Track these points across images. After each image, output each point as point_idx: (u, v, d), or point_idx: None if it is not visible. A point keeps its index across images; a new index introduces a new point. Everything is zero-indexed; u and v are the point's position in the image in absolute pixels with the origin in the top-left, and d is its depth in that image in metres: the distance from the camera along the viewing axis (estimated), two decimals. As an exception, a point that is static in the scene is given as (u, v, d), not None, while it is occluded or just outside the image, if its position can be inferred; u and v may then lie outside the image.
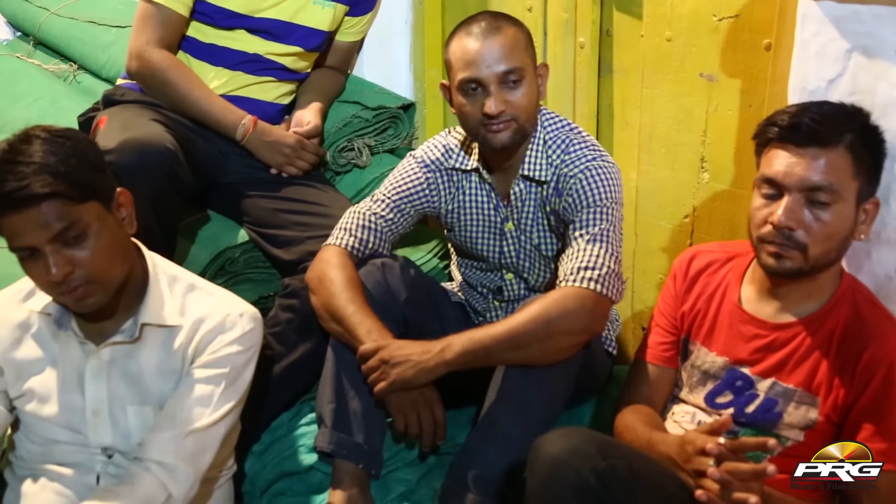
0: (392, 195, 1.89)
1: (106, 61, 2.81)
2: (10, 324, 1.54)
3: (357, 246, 1.83)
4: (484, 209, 1.89)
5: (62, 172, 1.36)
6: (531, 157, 1.80)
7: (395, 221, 1.88)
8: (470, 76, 1.69)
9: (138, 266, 1.54)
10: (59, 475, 1.53)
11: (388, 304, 1.77)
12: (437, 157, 1.90)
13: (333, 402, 1.73)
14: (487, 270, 1.95)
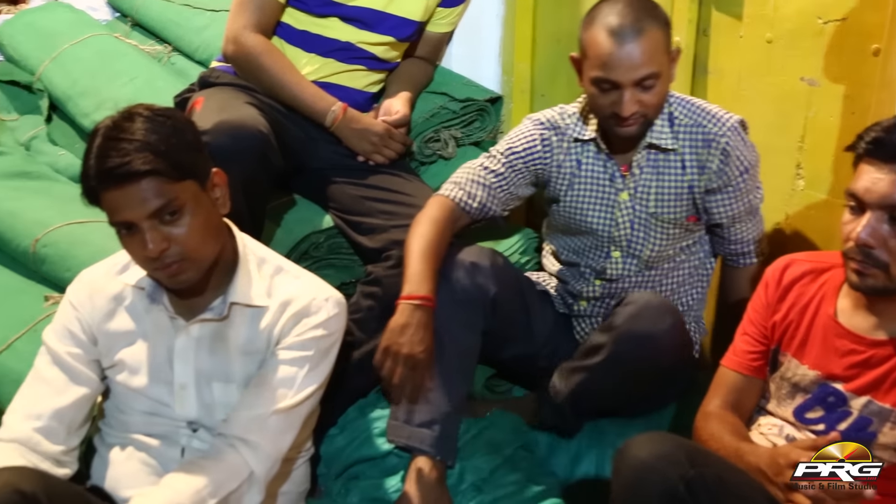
0: (506, 151, 1.89)
1: (199, 44, 2.86)
2: (106, 296, 1.58)
3: (466, 200, 1.86)
4: (599, 179, 1.87)
5: (162, 151, 1.39)
6: (658, 127, 1.79)
7: (507, 179, 1.88)
8: (605, 77, 1.67)
9: (229, 246, 1.57)
10: (145, 445, 1.57)
11: (476, 301, 1.81)
12: (556, 120, 1.89)
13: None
14: (592, 248, 1.93)
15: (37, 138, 2.74)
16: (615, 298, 1.91)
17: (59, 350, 1.55)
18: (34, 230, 2.16)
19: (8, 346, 1.94)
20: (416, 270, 1.74)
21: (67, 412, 1.53)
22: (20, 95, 2.88)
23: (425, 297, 1.72)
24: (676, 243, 1.89)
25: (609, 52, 1.65)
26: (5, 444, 1.47)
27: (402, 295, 1.72)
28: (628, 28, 1.64)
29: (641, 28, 1.64)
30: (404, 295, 1.72)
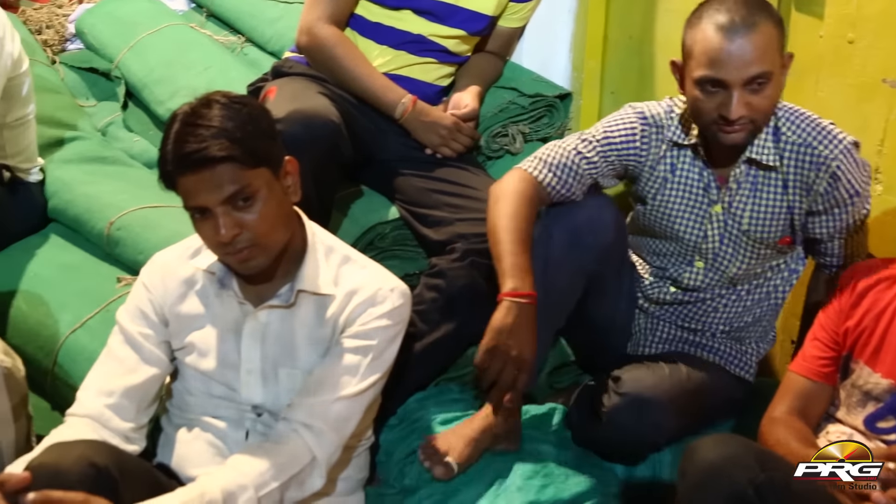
0: (602, 139, 1.81)
1: (272, 35, 2.90)
2: (177, 279, 1.61)
3: (554, 184, 1.78)
4: (693, 187, 1.81)
5: (238, 138, 1.41)
6: (760, 142, 1.71)
7: (597, 167, 1.81)
8: (712, 76, 1.59)
9: (298, 234, 1.59)
10: (211, 427, 1.60)
11: (594, 244, 1.76)
12: (660, 118, 1.81)
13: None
14: (675, 254, 1.87)
15: (113, 124, 2.80)
16: (686, 307, 1.88)
17: (131, 330, 1.59)
18: (109, 213, 2.22)
19: (82, 324, 2.00)
20: (514, 262, 1.66)
21: (138, 391, 1.56)
22: (98, 82, 2.95)
23: (529, 294, 1.64)
24: (765, 262, 1.83)
25: (718, 48, 1.56)
26: (79, 419, 1.51)
27: (505, 291, 1.64)
28: (740, 23, 1.56)
29: (754, 23, 1.56)
30: (507, 291, 1.64)
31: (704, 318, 1.89)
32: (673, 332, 1.93)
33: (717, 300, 1.87)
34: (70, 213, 2.31)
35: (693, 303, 1.88)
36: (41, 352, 1.99)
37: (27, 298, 2.11)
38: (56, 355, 1.98)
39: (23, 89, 2.22)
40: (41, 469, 1.24)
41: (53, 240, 2.32)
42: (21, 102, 2.22)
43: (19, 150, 2.26)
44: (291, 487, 1.44)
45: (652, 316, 1.94)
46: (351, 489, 1.67)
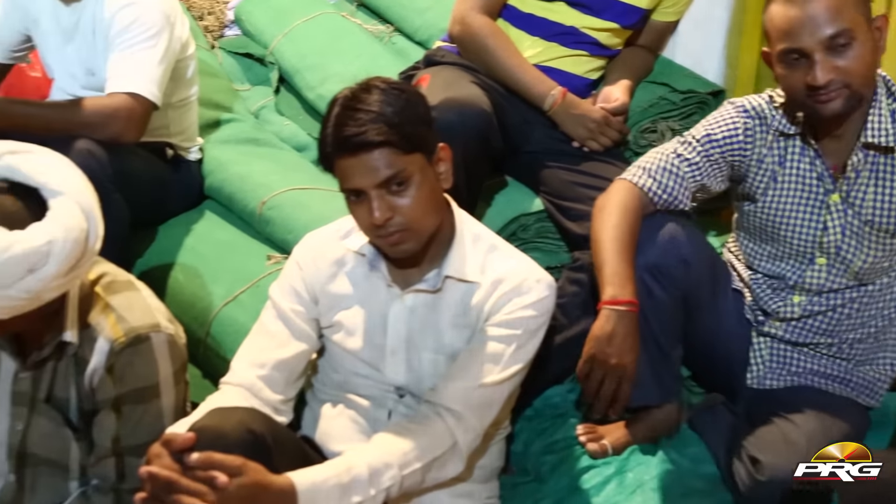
0: (703, 138, 1.76)
1: (420, 25, 2.94)
2: (329, 259, 1.66)
3: (655, 190, 1.75)
4: (805, 179, 1.72)
5: (396, 123, 1.44)
6: (874, 121, 1.63)
7: (700, 169, 1.76)
8: (790, 46, 1.56)
9: (448, 220, 1.60)
10: (355, 404, 1.64)
11: (670, 264, 1.72)
12: (762, 109, 1.75)
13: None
14: (792, 255, 1.77)
15: (265, 108, 2.90)
16: (815, 319, 1.77)
17: (283, 306, 1.64)
18: (261, 193, 2.30)
19: (234, 298, 2.09)
20: (616, 271, 1.64)
21: (287, 364, 1.61)
22: (253, 67, 3.06)
23: (630, 302, 1.62)
24: (893, 255, 1.72)
25: (789, 17, 1.55)
26: (232, 388, 1.58)
27: (606, 299, 1.62)
28: None
29: None
30: (608, 300, 1.62)
31: (836, 327, 1.78)
32: (801, 363, 1.81)
33: (846, 305, 1.76)
34: (224, 192, 2.40)
35: (823, 312, 1.77)
36: (195, 322, 2.08)
37: (184, 271, 2.22)
38: (209, 326, 2.07)
39: (188, 71, 2.32)
40: (204, 431, 1.30)
41: (208, 216, 2.42)
42: (186, 84, 2.33)
43: (182, 129, 2.37)
44: (432, 469, 1.46)
45: (778, 341, 1.82)
46: (487, 477, 1.68)
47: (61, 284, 1.37)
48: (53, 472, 1.59)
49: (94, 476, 1.57)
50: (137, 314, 1.53)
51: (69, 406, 1.55)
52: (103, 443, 1.53)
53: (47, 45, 2.25)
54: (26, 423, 1.56)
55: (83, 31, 2.16)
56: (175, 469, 1.25)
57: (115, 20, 2.07)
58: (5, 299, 1.31)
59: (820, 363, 1.81)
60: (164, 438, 1.30)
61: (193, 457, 1.25)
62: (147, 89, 2.06)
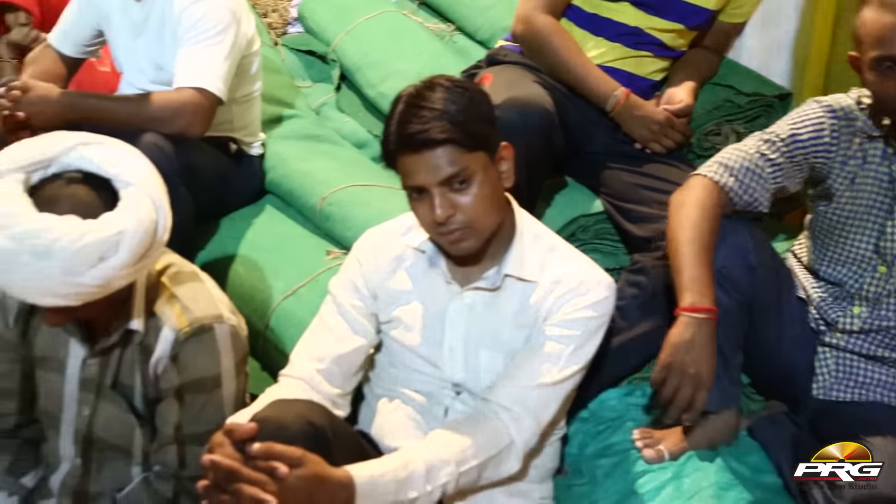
0: (788, 138, 1.71)
1: (482, 24, 2.94)
2: (389, 255, 1.67)
3: (737, 190, 1.70)
4: (880, 182, 1.69)
5: (459, 121, 1.44)
6: None
7: (783, 170, 1.71)
8: (884, 53, 1.53)
9: (508, 219, 1.60)
10: (412, 400, 1.64)
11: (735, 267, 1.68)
12: (850, 109, 1.70)
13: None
14: (851, 262, 1.73)
15: (326, 105, 2.93)
16: (880, 334, 1.73)
17: (343, 300, 1.66)
18: (321, 189, 2.32)
19: (293, 292, 2.11)
20: (695, 275, 1.60)
21: (346, 358, 1.63)
22: (315, 64, 3.09)
23: (709, 310, 1.58)
24: None
25: (884, 24, 1.52)
26: (292, 380, 1.59)
27: (685, 306, 1.58)
28: None
29: None
30: (687, 306, 1.58)
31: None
32: (870, 375, 1.76)
33: None
34: (285, 187, 2.43)
35: (885, 329, 1.72)
36: (255, 314, 2.11)
37: (245, 264, 2.25)
38: (268, 319, 2.10)
39: (252, 67, 2.36)
40: (266, 422, 1.32)
41: (269, 211, 2.45)
42: (250, 80, 2.36)
43: (245, 124, 2.41)
44: (489, 468, 1.46)
45: (841, 351, 1.77)
46: (542, 477, 1.68)
47: (130, 273, 1.40)
48: (117, 457, 1.62)
49: (155, 462, 1.61)
50: (202, 305, 1.55)
51: (134, 393, 1.58)
52: (166, 430, 1.57)
53: (117, 40, 2.30)
54: (93, 409, 1.59)
55: (152, 26, 2.20)
56: (237, 458, 1.27)
57: (184, 16, 2.11)
58: (77, 286, 1.34)
59: (890, 375, 1.76)
60: (226, 428, 1.32)
61: (255, 447, 1.26)
62: (213, 84, 2.10)
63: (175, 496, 1.59)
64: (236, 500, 1.25)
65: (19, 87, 2.03)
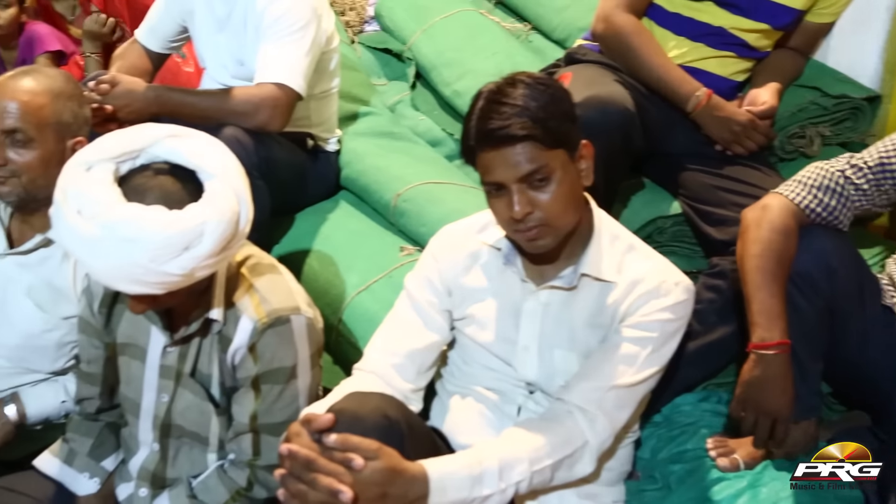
0: (876, 167, 1.67)
1: (558, 24, 2.93)
2: (464, 251, 1.67)
3: (815, 208, 1.66)
4: None
5: (540, 118, 1.43)
6: None
7: (868, 195, 1.67)
8: None
9: (586, 218, 1.59)
10: (484, 398, 1.64)
11: (817, 268, 1.63)
12: None
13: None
14: None
15: (401, 103, 2.95)
16: None
17: (417, 296, 1.66)
18: (396, 185, 2.33)
19: (367, 287, 2.12)
20: (763, 308, 1.59)
21: (419, 354, 1.63)
22: (390, 62, 3.12)
23: (780, 344, 1.57)
24: None
25: None
26: (365, 374, 1.61)
27: (754, 342, 1.59)
28: None
29: None
30: (756, 343, 1.59)
31: None
32: None
33: None
34: (360, 183, 2.45)
35: None
36: (328, 308, 2.13)
37: (319, 258, 2.27)
38: (341, 313, 2.12)
39: (331, 64, 2.38)
40: (342, 414, 1.33)
41: (343, 206, 2.48)
42: (328, 76, 2.39)
43: (322, 120, 2.44)
44: (562, 468, 1.44)
45: None
46: (613, 480, 1.66)
47: (213, 264, 1.42)
48: (194, 444, 1.65)
49: (231, 450, 1.63)
50: (280, 297, 1.57)
51: (211, 381, 1.61)
52: (241, 419, 1.59)
53: (200, 35, 2.34)
54: (172, 396, 1.62)
55: (235, 22, 2.24)
56: (314, 448, 1.28)
57: (266, 12, 2.14)
58: (162, 275, 1.37)
59: None
60: (303, 418, 1.33)
61: (332, 438, 1.27)
62: (293, 80, 2.13)
63: (249, 484, 1.61)
64: (312, 490, 1.26)
65: (108, 80, 2.08)
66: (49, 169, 1.78)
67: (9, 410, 1.86)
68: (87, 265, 1.40)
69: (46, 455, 1.76)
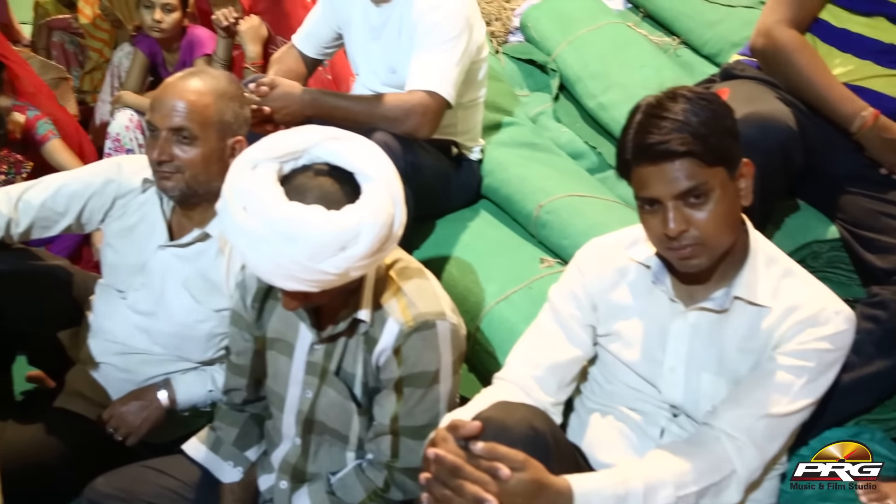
0: None
1: (709, 38, 2.86)
2: (611, 267, 1.64)
3: None
4: None
5: (701, 134, 1.40)
6: None
7: None
8: None
9: (741, 239, 1.54)
10: (626, 417, 1.60)
11: None
12: None
13: None
14: None
15: (543, 114, 2.93)
16: None
17: (561, 309, 1.65)
18: (539, 196, 2.32)
19: (506, 297, 2.12)
20: None
21: (561, 368, 1.62)
22: (534, 74, 3.11)
23: None
24: None
25: None
26: (506, 384, 1.60)
27: None
28: None
29: None
30: None
31: None
32: None
33: None
34: (502, 192, 2.45)
35: None
36: (466, 316, 2.12)
37: (458, 265, 2.28)
38: (479, 322, 2.12)
39: (479, 74, 2.40)
40: (489, 422, 1.33)
41: (483, 215, 2.48)
42: (476, 85, 2.40)
43: (468, 128, 2.45)
44: (707, 495, 1.40)
45: None
46: (758, 512, 1.60)
47: (366, 265, 1.45)
48: (334, 442, 1.69)
49: (369, 450, 1.66)
50: (426, 301, 1.59)
51: (355, 381, 1.64)
52: (382, 420, 1.61)
53: (355, 42, 2.40)
54: (316, 392, 1.66)
55: (390, 30, 2.28)
56: (460, 455, 1.29)
57: (422, 21, 2.17)
58: (318, 273, 1.40)
59: None
60: (450, 424, 1.33)
61: (479, 446, 1.27)
62: (444, 89, 2.15)
63: (386, 485, 1.63)
64: (457, 496, 1.26)
65: (267, 83, 2.16)
66: (210, 166, 1.86)
67: (161, 395, 1.95)
68: (247, 259, 1.45)
69: (194, 441, 1.83)
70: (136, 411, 1.95)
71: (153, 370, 2.00)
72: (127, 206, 2.03)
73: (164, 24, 3.35)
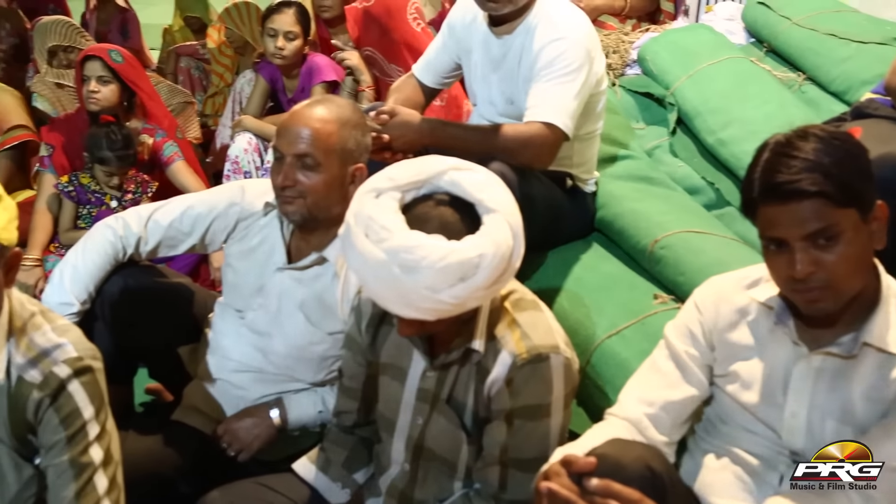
0: None
1: (837, 75, 2.79)
2: (731, 306, 1.60)
3: None
4: None
5: (833, 174, 1.36)
6: None
7: None
8: None
9: (872, 283, 1.48)
10: (743, 461, 1.55)
11: None
12: None
13: None
14: None
15: (659, 148, 2.90)
16: None
17: (678, 347, 1.61)
18: (654, 231, 2.29)
19: (618, 331, 2.09)
20: None
21: (675, 406, 1.58)
22: (650, 107, 3.08)
23: None
24: None
25: None
26: (619, 420, 1.58)
27: None
28: None
29: None
30: None
31: None
32: None
33: None
34: (616, 226, 2.43)
35: None
36: (577, 349, 2.07)
37: (570, 298, 2.27)
38: (590, 356, 2.10)
39: (598, 106, 2.39)
40: (604, 459, 1.31)
41: (596, 248, 2.47)
42: (594, 118, 2.39)
43: (583, 161, 2.44)
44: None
45: None
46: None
47: (484, 296, 1.46)
48: (442, 470, 1.69)
49: (477, 480, 1.65)
50: (540, 333, 1.58)
51: (466, 410, 1.64)
52: (491, 451, 1.60)
53: (474, 73, 2.43)
54: (426, 419, 1.67)
55: (509, 62, 2.30)
56: (574, 490, 1.27)
57: (542, 53, 2.18)
58: (435, 302, 1.42)
59: None
60: (564, 458, 1.32)
61: (593, 482, 1.26)
62: (562, 121, 2.15)
63: (492, 516, 1.62)
64: None
65: (387, 111, 2.20)
66: (331, 192, 1.91)
67: (273, 414, 2.00)
68: (367, 285, 1.48)
69: (304, 461, 1.86)
70: (248, 428, 2.00)
71: (266, 389, 2.05)
72: (249, 228, 2.10)
73: (286, 52, 3.46)
